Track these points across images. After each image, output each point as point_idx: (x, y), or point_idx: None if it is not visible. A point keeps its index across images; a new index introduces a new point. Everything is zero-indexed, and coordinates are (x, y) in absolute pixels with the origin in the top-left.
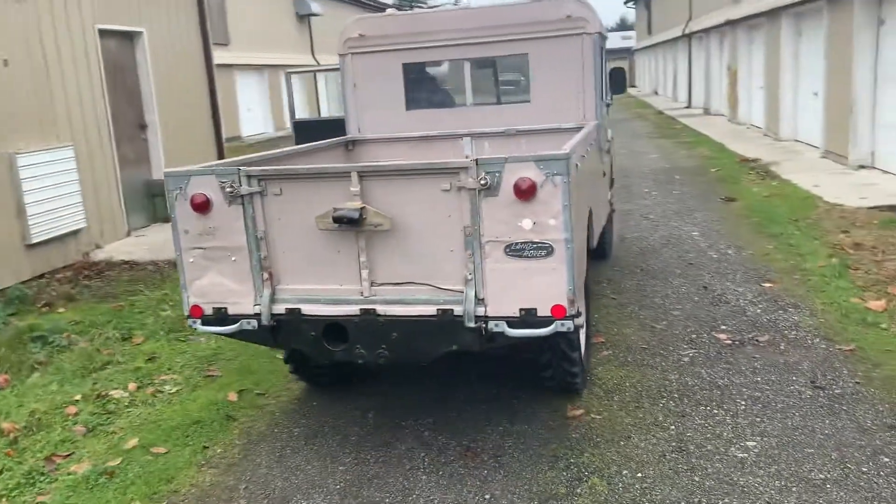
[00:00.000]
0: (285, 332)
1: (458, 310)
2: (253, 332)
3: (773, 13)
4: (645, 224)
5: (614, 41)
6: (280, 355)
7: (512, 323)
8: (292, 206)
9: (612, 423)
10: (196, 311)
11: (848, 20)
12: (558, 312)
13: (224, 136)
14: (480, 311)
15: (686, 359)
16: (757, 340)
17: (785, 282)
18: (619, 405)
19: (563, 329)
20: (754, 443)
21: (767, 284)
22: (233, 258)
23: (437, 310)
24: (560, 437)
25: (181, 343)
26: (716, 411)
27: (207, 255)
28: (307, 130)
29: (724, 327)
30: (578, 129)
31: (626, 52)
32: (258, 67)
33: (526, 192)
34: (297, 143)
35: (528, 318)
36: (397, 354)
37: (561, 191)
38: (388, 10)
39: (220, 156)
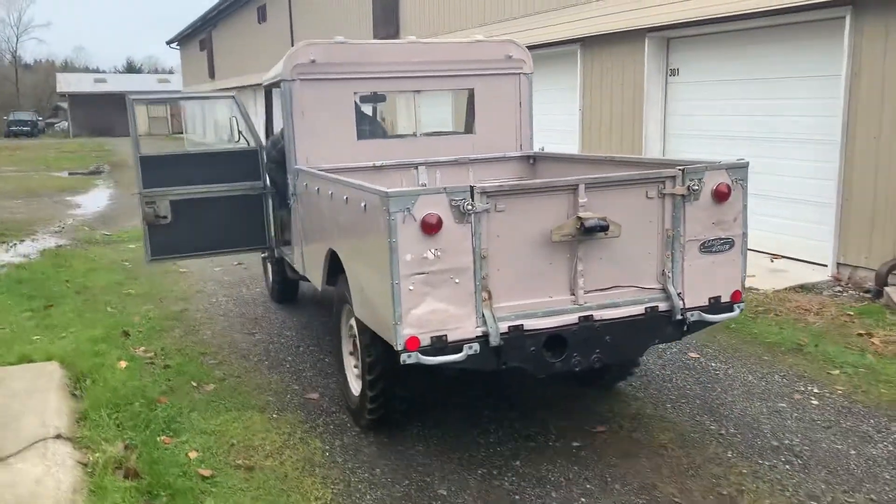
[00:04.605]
0: (508, 351)
1: (662, 306)
2: (475, 356)
3: None
4: None
5: (148, 83)
6: None
7: (706, 311)
8: (514, 221)
9: None
10: (413, 343)
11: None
12: (736, 297)
13: None
14: (680, 304)
15: None
16: None
17: None
18: None
19: (738, 312)
20: None
21: None
22: (456, 280)
23: (645, 308)
24: None
25: None
26: None
27: (429, 281)
28: (158, 168)
29: None
30: (521, 157)
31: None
32: None
33: (725, 196)
34: (146, 184)
35: (716, 305)
36: (609, 356)
37: (743, 193)
38: (338, 38)
39: None
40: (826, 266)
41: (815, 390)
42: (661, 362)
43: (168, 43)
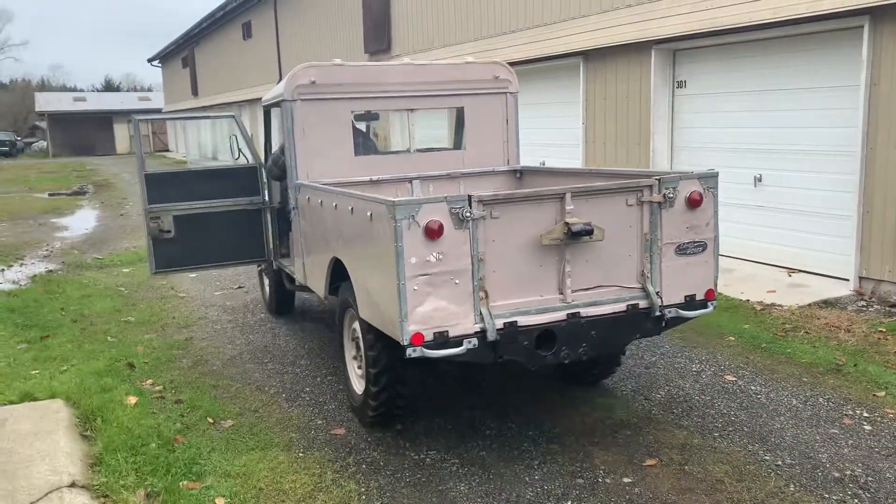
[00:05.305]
0: (503, 346)
1: (642, 304)
2: (474, 350)
3: None
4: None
5: (130, 102)
6: None
7: (682, 307)
8: (507, 227)
9: None
10: (417, 339)
11: (646, 81)
12: (709, 295)
13: None
14: (658, 302)
15: None
16: None
17: None
18: None
19: (711, 308)
20: None
21: None
22: (456, 281)
23: (627, 306)
24: None
25: None
26: None
27: (431, 282)
28: (161, 185)
29: None
30: (508, 171)
31: (144, 115)
32: None
33: (697, 203)
34: (150, 201)
35: (691, 302)
36: (595, 350)
37: (714, 200)
38: (336, 60)
39: None
40: (848, 280)
41: (865, 414)
42: (699, 386)
43: (150, 61)
